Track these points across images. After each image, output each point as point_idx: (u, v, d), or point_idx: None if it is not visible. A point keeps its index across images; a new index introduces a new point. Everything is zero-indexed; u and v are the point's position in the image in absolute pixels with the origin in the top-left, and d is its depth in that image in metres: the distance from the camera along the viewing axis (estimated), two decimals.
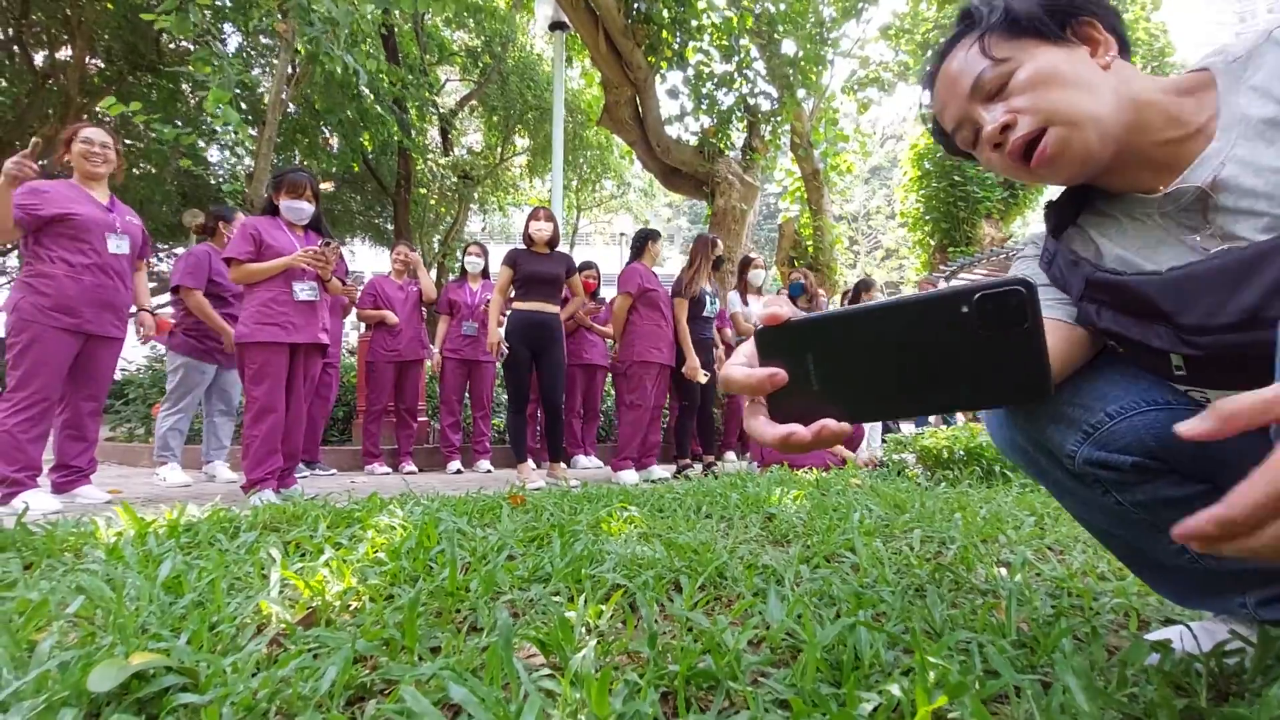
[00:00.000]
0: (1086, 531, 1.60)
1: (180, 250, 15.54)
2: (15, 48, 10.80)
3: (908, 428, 6.01)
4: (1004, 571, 1.30)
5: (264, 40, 10.36)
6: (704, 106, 7.85)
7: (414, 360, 4.96)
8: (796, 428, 0.50)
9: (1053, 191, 0.87)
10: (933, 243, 11.95)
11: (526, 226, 4.03)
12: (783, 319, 0.51)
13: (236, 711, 0.65)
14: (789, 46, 7.82)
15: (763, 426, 0.53)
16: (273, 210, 3.13)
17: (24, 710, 0.63)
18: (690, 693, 0.74)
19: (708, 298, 4.55)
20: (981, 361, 0.47)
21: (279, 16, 6.51)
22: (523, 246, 4.04)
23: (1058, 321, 0.77)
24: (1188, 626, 0.86)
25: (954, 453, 3.24)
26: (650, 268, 4.30)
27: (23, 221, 2.77)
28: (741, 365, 0.54)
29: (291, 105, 9.29)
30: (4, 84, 10.93)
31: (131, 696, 0.68)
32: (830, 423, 0.50)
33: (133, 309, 3.26)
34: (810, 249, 10.81)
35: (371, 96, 9.39)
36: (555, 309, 4.01)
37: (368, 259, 20.07)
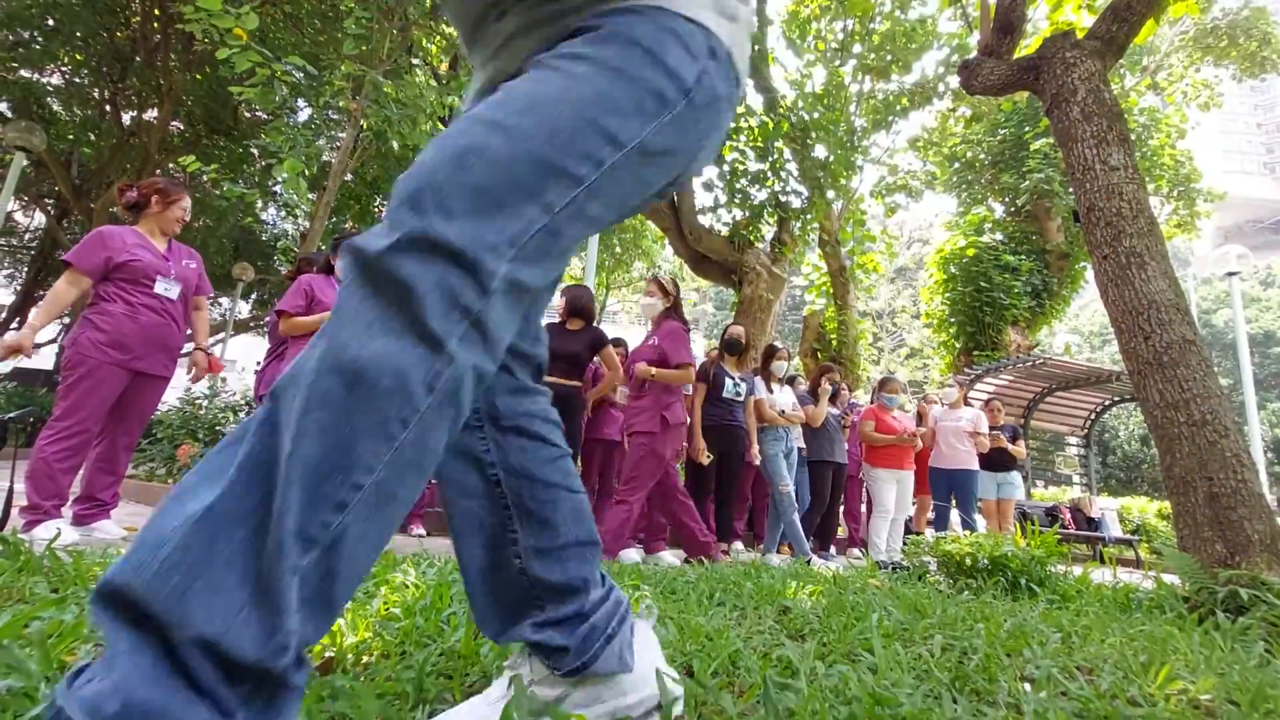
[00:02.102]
0: (1115, 653, 1.54)
1: (225, 300, 16.20)
2: (108, 107, 11.83)
3: (930, 531, 5.83)
4: (1028, 687, 1.25)
5: (331, 115, 11.22)
6: (737, 200, 8.21)
7: None
8: None
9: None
10: (957, 345, 11.98)
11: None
12: None
13: None
14: (821, 151, 8.22)
15: None
16: (329, 270, 3.31)
17: None
18: None
19: (728, 380, 4.59)
20: None
21: (350, 95, 7.10)
22: (556, 320, 4.17)
23: None
24: None
25: (977, 560, 3.14)
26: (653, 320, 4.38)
27: (92, 270, 2.96)
28: None
29: (350, 174, 9.93)
30: (93, 139, 11.88)
31: None
32: None
33: (189, 347, 3.40)
34: (834, 342, 10.90)
35: None
36: (577, 383, 4.08)
37: None
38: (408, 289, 0.53)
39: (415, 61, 8.81)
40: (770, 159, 8.09)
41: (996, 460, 6.05)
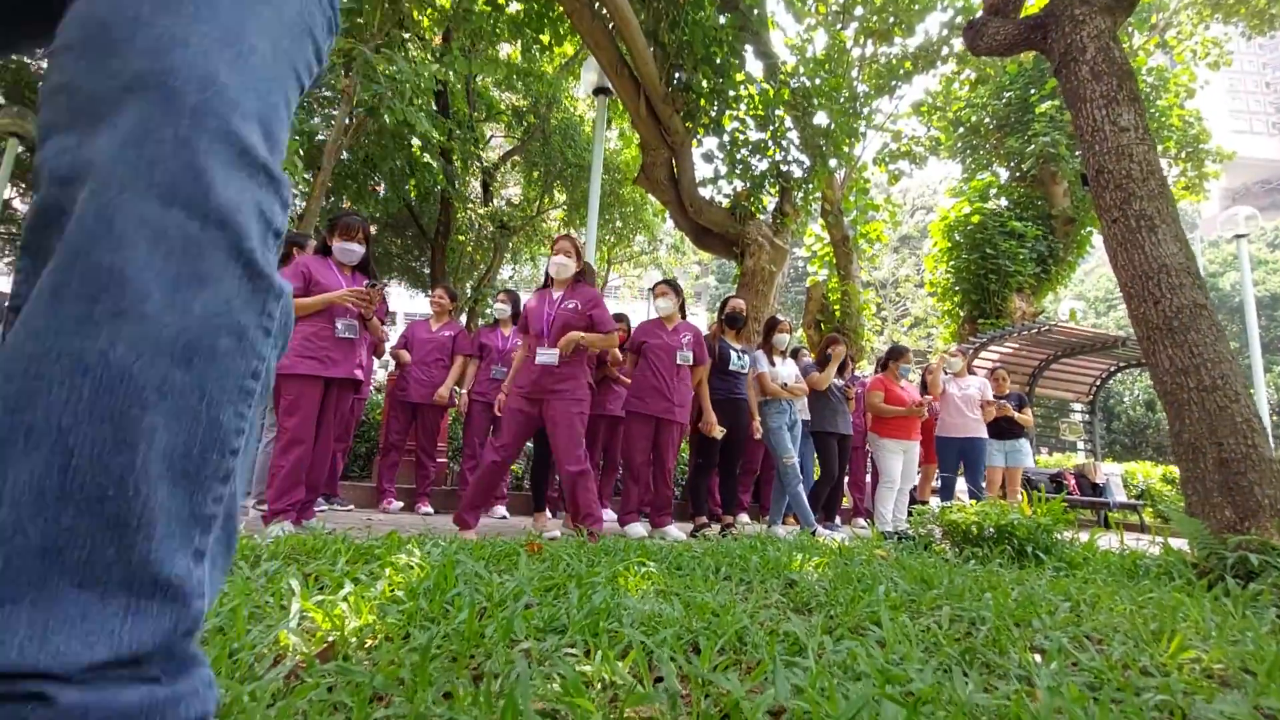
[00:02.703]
0: (1125, 622, 1.53)
1: None
2: None
3: (935, 500, 5.85)
4: (1039, 658, 1.24)
5: (324, 93, 11.03)
6: (738, 171, 8.07)
7: (430, 404, 4.92)
8: None
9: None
10: (962, 313, 11.89)
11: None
12: None
13: None
14: (822, 118, 8.06)
15: None
16: (325, 250, 3.27)
17: None
18: None
19: (732, 354, 4.56)
20: None
21: (343, 73, 6.96)
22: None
23: None
24: None
25: (983, 529, 3.13)
26: (663, 321, 4.35)
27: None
28: None
29: (345, 153, 9.80)
30: None
31: None
32: None
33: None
34: (838, 313, 10.83)
35: (419, 146, 9.87)
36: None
37: (402, 301, 20.59)
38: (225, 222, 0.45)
39: (406, 35, 8.61)
40: (771, 128, 7.92)
41: (1004, 428, 6.04)
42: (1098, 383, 10.98)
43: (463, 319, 11.95)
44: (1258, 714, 0.93)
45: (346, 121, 7.13)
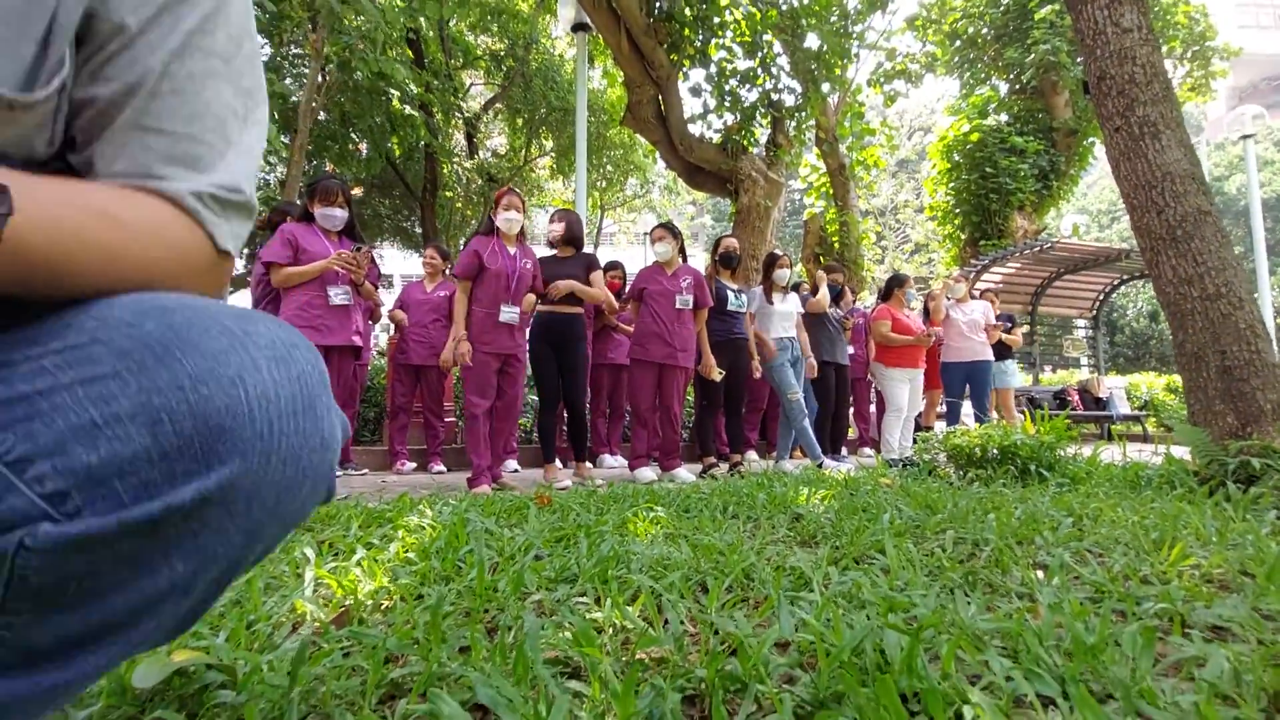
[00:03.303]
0: (1126, 533, 1.55)
1: None
2: None
3: (940, 425, 5.90)
4: (1041, 575, 1.26)
5: (294, 50, 10.61)
6: (727, 104, 7.81)
7: (431, 366, 4.93)
8: None
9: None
10: (963, 236, 11.72)
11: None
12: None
13: (273, 710, 0.67)
14: (813, 40, 7.73)
15: None
16: (308, 217, 3.20)
17: (72, 704, 0.66)
18: (718, 696, 0.74)
19: (729, 294, 4.52)
20: None
21: (310, 27, 6.66)
22: (546, 252, 4.08)
23: None
24: None
25: (987, 451, 3.17)
26: (661, 266, 4.30)
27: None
28: None
29: (322, 113, 9.50)
30: None
31: (173, 693, 0.70)
32: None
33: None
34: (836, 245, 10.69)
35: (398, 99, 9.56)
36: (576, 310, 4.03)
37: (396, 262, 20.38)
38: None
39: None
40: (759, 54, 7.62)
41: (995, 350, 6.04)
42: (1101, 297, 10.90)
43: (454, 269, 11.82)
44: (1256, 615, 0.95)
45: (320, 80, 6.88)
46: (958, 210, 11.69)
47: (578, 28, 6.96)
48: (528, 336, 3.92)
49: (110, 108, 0.46)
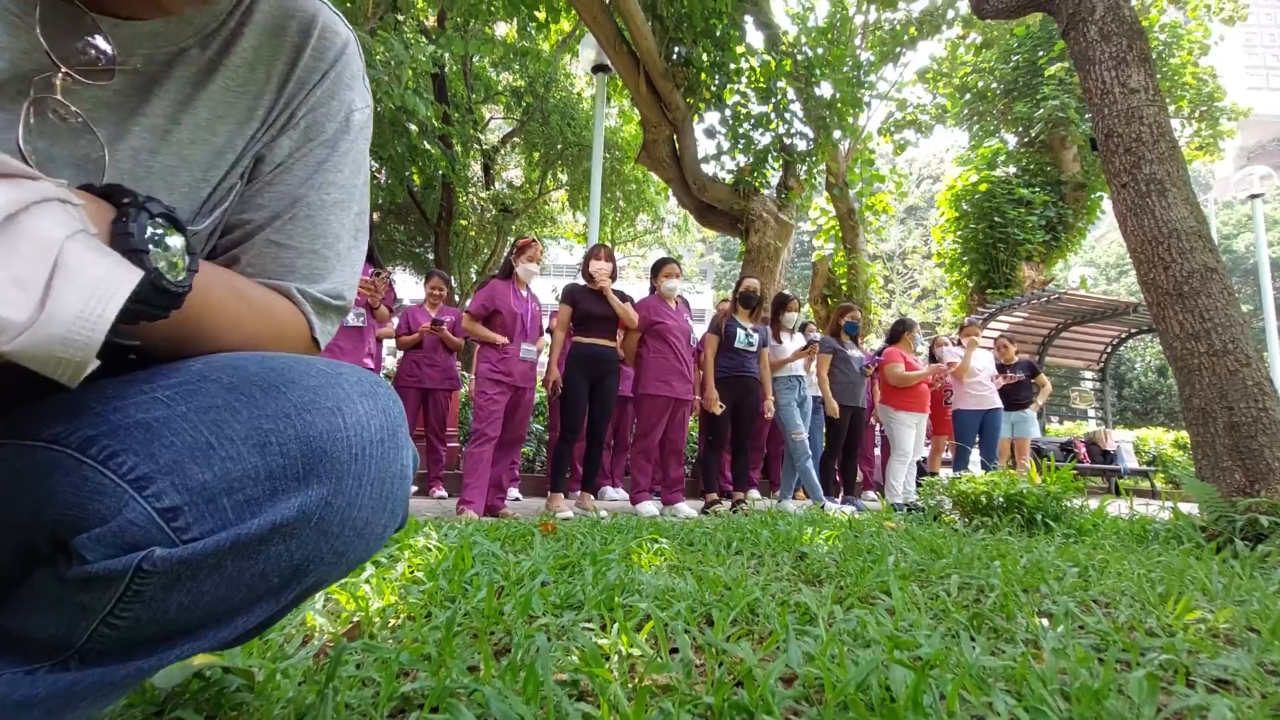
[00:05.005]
0: (1132, 585, 1.55)
1: None
2: None
3: (946, 471, 5.86)
4: (1046, 622, 1.26)
5: None
6: (740, 146, 7.98)
7: (441, 389, 4.99)
8: None
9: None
10: (970, 284, 11.79)
11: (586, 264, 4.07)
12: None
13: (289, 715, 0.68)
14: (826, 89, 7.94)
15: None
16: None
17: None
18: None
19: (740, 332, 4.56)
20: None
21: None
22: (580, 283, 4.11)
23: None
24: None
25: (993, 499, 3.15)
26: (664, 299, 4.35)
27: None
28: None
29: None
30: None
31: (192, 695, 0.71)
32: None
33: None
34: (845, 287, 10.77)
35: (417, 131, 9.81)
36: (614, 344, 4.09)
37: (408, 288, 20.58)
38: None
39: (400, 18, 8.52)
40: (773, 100, 7.81)
41: (1010, 399, 6.04)
42: (1108, 350, 10.90)
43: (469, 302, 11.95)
44: (1261, 670, 0.95)
45: None
46: (965, 258, 11.79)
47: (598, 69, 7.18)
48: (562, 366, 3.97)
49: (255, 229, 0.55)
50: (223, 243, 0.56)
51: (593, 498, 4.36)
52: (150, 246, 0.37)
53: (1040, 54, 11.68)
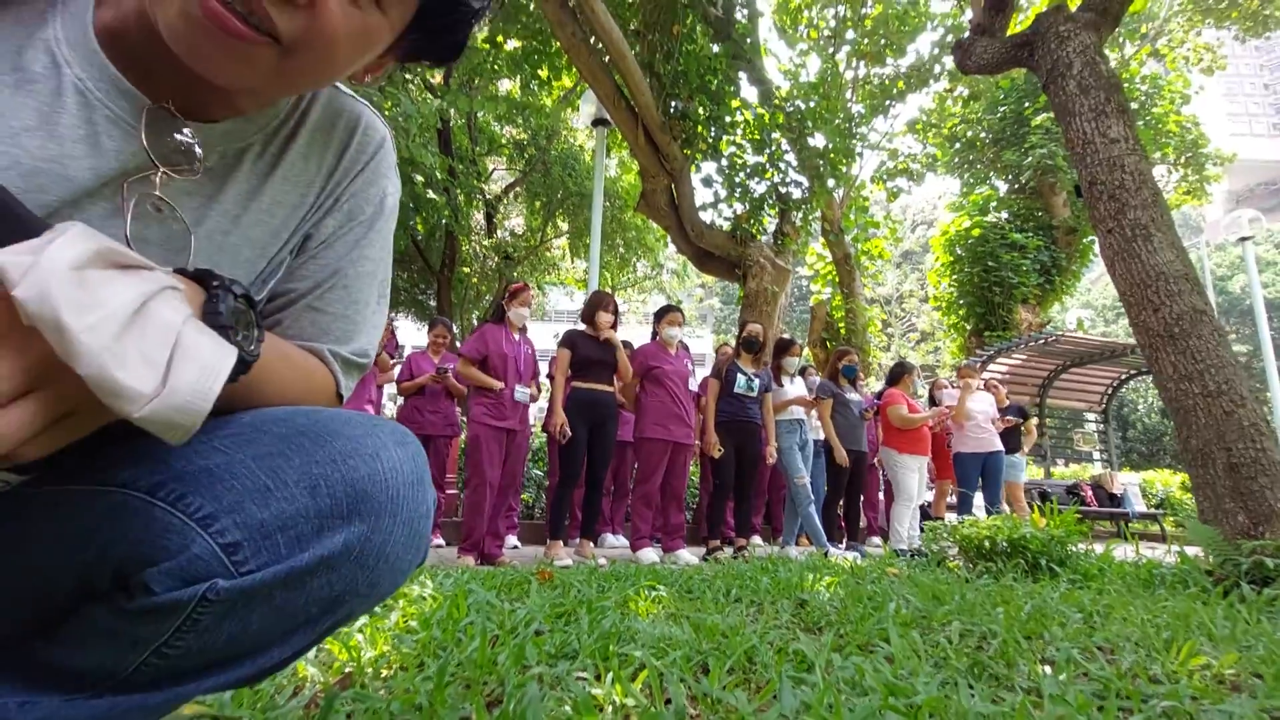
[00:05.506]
0: (1137, 631, 1.53)
1: None
2: None
3: (950, 516, 5.79)
4: (1048, 669, 1.24)
5: None
6: (737, 194, 8.17)
7: (441, 435, 4.97)
8: None
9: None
10: (968, 327, 11.88)
11: (593, 312, 4.10)
12: None
13: None
14: (819, 140, 8.17)
15: None
16: None
17: None
18: None
19: (741, 377, 4.58)
20: None
21: None
22: (580, 328, 4.16)
23: None
24: None
25: (996, 544, 3.11)
26: (665, 345, 4.39)
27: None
28: None
29: None
30: None
31: None
32: None
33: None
34: (843, 331, 10.85)
35: (422, 181, 10.07)
36: (613, 389, 4.12)
37: (409, 334, 20.74)
38: None
39: (408, 76, 8.85)
40: (768, 151, 8.04)
41: (1004, 443, 6.01)
42: (1109, 391, 10.89)
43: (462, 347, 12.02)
44: (1265, 715, 0.93)
45: None
46: (961, 301, 11.91)
47: (598, 123, 7.42)
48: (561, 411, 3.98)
49: (298, 296, 0.63)
50: (268, 308, 0.63)
51: (592, 544, 4.30)
52: (233, 323, 0.43)
53: (1026, 104, 12.06)
